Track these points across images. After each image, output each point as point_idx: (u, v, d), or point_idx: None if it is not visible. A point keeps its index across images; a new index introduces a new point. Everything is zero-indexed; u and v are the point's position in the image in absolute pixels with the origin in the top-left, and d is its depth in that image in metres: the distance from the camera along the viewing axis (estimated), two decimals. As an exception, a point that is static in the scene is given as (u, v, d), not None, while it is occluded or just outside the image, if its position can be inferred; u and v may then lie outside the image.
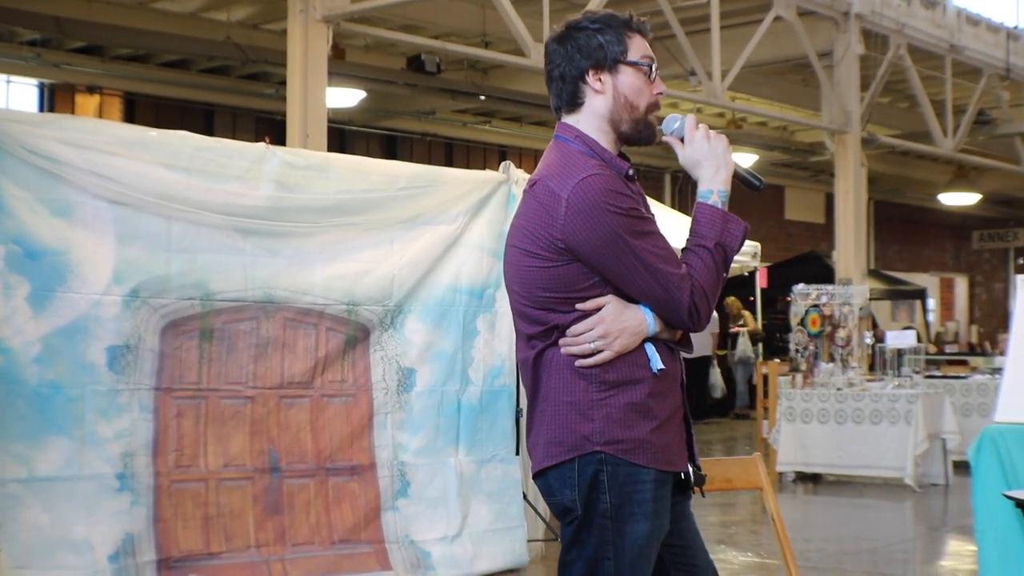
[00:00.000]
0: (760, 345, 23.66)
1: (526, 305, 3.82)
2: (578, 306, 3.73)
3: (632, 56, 3.88)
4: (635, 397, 3.74)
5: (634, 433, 3.72)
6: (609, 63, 3.87)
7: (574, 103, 3.91)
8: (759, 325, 23.80)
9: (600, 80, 3.87)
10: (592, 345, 3.71)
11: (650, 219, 3.80)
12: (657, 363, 3.78)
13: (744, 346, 23.28)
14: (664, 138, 3.99)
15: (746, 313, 23.44)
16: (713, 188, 3.89)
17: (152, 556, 7.12)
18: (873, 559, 9.91)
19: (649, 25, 4.01)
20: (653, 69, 3.92)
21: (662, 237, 3.78)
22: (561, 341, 3.75)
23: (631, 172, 3.88)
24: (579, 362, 3.73)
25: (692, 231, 3.87)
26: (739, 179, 4.00)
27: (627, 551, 3.73)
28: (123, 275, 7.09)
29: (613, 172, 3.79)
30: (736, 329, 23.60)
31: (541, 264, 3.74)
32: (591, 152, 3.83)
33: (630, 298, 3.75)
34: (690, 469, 3.94)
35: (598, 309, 3.72)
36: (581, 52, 3.88)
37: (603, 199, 3.67)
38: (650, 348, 3.78)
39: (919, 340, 15.82)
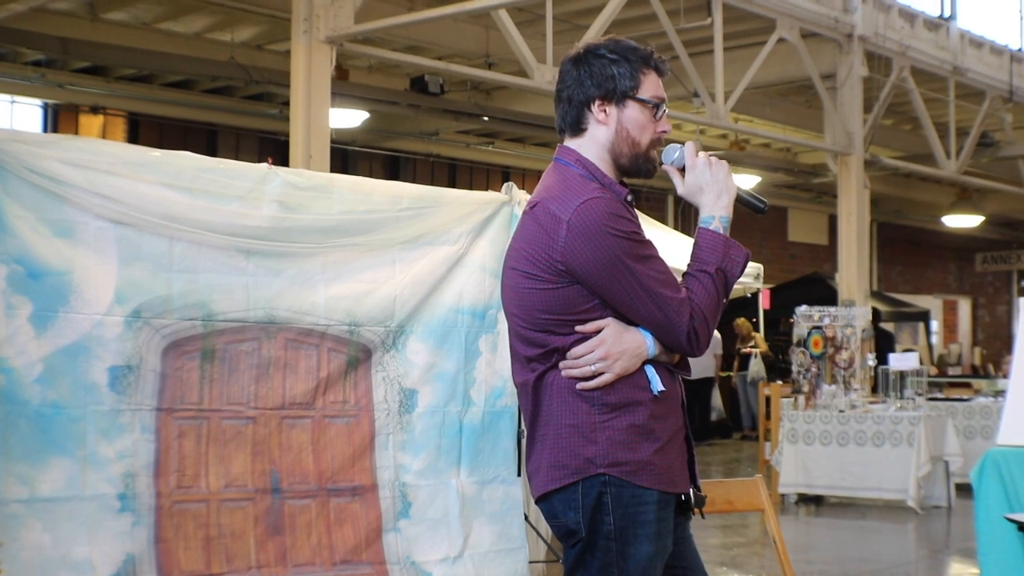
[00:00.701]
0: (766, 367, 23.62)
1: (525, 328, 3.82)
2: (578, 328, 3.73)
3: (642, 93, 3.88)
4: (637, 419, 3.74)
5: (637, 455, 3.72)
6: (617, 96, 3.87)
7: (577, 128, 3.92)
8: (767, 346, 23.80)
9: (605, 111, 3.88)
10: (593, 367, 3.71)
11: (650, 243, 3.80)
12: (658, 385, 3.78)
13: (757, 367, 23.24)
14: (663, 167, 4.00)
15: (756, 335, 23.42)
16: (715, 214, 3.89)
17: (153, 577, 7.12)
18: (875, 582, 9.90)
19: (668, 65, 4.01)
20: (661, 109, 3.92)
21: (662, 261, 3.79)
22: (562, 364, 3.75)
23: (630, 198, 3.89)
24: (580, 385, 3.73)
25: (693, 256, 3.87)
26: (743, 203, 4.00)
27: (631, 573, 3.73)
28: (125, 295, 7.09)
29: (613, 196, 3.80)
30: (748, 350, 23.57)
31: (541, 286, 3.74)
32: (590, 176, 3.84)
33: (630, 321, 3.75)
34: (691, 490, 3.94)
35: (598, 331, 3.72)
36: (592, 79, 3.88)
37: (604, 222, 3.68)
38: (650, 370, 3.78)
39: (921, 362, 15.81)
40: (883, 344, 21.97)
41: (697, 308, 3.76)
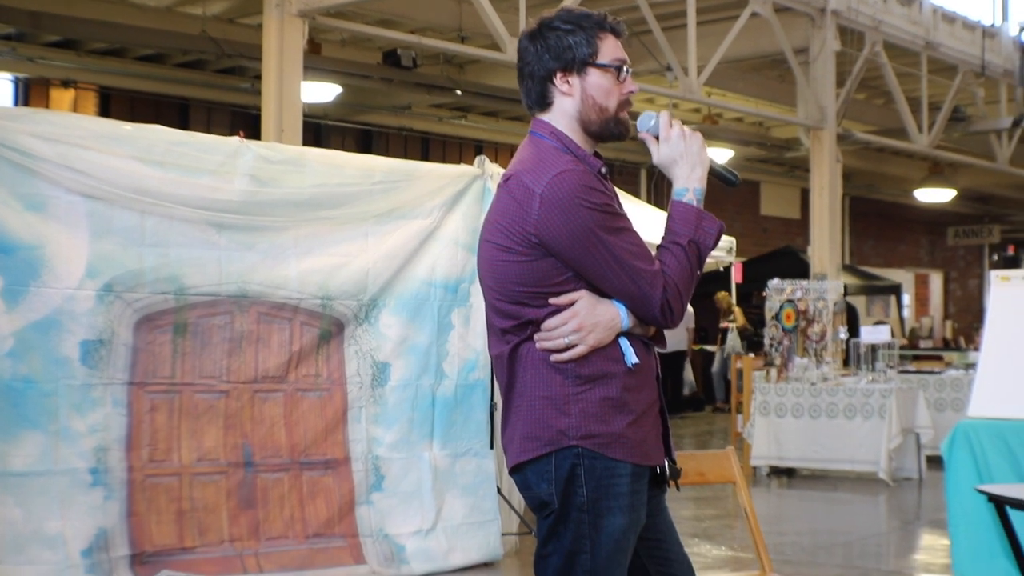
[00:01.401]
0: (745, 341, 23.59)
1: (500, 300, 3.82)
2: (552, 300, 3.72)
3: (602, 58, 3.87)
4: (610, 391, 3.74)
5: (610, 428, 3.72)
6: (577, 65, 3.86)
7: (544, 103, 3.91)
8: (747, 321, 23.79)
9: (568, 82, 3.86)
10: (567, 339, 3.71)
11: (624, 216, 3.79)
12: (631, 358, 3.77)
13: (733, 342, 23.25)
14: (639, 135, 3.99)
15: (736, 308, 23.42)
16: (688, 186, 3.88)
17: (125, 551, 7.12)
18: (846, 553, 9.94)
19: (624, 25, 3.99)
20: (623, 70, 3.90)
21: (636, 234, 3.78)
22: (536, 336, 3.75)
23: (603, 170, 3.88)
24: (554, 357, 3.72)
25: (667, 229, 3.86)
26: (715, 175, 4.00)
27: (604, 544, 3.73)
28: (97, 269, 7.09)
29: (587, 168, 3.79)
30: (726, 324, 23.58)
31: (515, 259, 3.73)
32: (565, 148, 3.83)
33: (604, 294, 3.75)
34: (665, 463, 3.94)
35: (572, 304, 3.72)
36: (550, 53, 3.87)
37: (577, 194, 3.67)
38: (624, 343, 3.77)
39: (893, 335, 15.85)
40: (850, 318, 22.00)
41: (670, 281, 3.75)
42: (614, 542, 3.75)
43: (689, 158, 3.90)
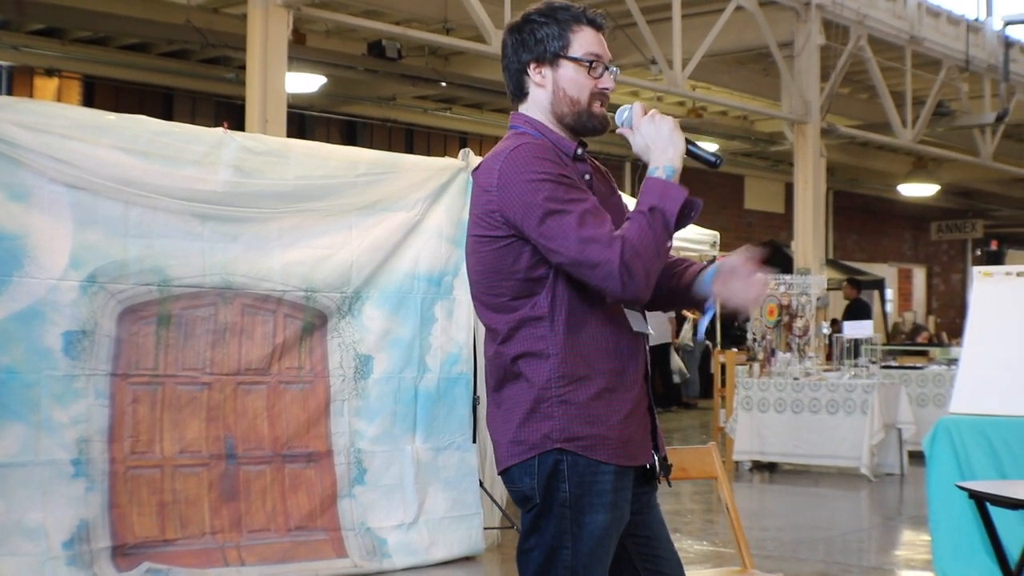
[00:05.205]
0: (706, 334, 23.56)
1: (485, 293, 3.81)
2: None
3: (574, 51, 3.86)
4: (595, 391, 3.72)
5: (593, 429, 3.70)
6: (549, 57, 3.86)
7: (520, 94, 3.93)
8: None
9: (540, 74, 3.87)
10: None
11: (583, 190, 3.75)
12: (636, 326, 3.79)
13: (685, 335, 23.25)
14: (619, 130, 3.97)
15: (697, 300, 23.34)
16: (659, 165, 3.85)
17: (107, 543, 7.11)
18: (828, 548, 9.96)
19: (603, 18, 3.98)
20: (596, 65, 3.89)
21: (593, 202, 3.72)
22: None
23: (580, 152, 3.88)
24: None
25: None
26: (694, 157, 3.96)
27: (585, 541, 3.73)
28: (81, 260, 7.07)
29: (547, 143, 3.79)
30: (685, 313, 23.51)
31: (489, 245, 3.72)
32: (538, 134, 3.83)
33: (571, 279, 3.71)
34: (655, 459, 3.92)
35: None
36: (524, 45, 3.88)
37: (528, 165, 3.66)
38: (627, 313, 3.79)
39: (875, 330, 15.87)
40: (861, 314, 21.96)
41: (628, 243, 3.66)
42: (595, 539, 3.74)
43: (660, 141, 3.86)
